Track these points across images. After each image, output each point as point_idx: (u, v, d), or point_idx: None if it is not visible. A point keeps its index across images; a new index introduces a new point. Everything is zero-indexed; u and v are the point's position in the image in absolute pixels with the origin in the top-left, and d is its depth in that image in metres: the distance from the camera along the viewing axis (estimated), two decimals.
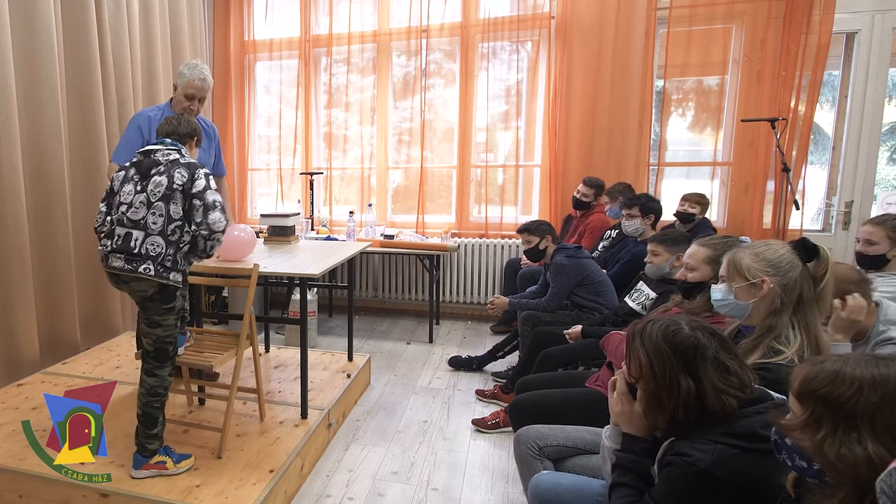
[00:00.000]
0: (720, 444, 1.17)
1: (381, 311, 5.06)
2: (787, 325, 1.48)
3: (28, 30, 3.16)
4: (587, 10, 4.30)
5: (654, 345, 1.25)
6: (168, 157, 2.12)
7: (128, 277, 2.07)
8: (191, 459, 2.22)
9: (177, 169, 2.08)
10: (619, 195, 3.92)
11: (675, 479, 1.19)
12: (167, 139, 2.19)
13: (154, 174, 2.08)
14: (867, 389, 0.88)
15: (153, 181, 2.07)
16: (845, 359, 0.94)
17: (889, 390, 0.87)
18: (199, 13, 4.80)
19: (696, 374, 1.21)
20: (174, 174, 2.07)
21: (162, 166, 2.09)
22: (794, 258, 1.51)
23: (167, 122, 2.25)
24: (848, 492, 0.89)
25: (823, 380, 0.92)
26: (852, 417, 0.88)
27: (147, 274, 2.03)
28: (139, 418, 2.14)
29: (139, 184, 2.09)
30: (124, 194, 2.10)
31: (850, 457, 0.86)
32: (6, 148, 3.01)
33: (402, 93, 4.92)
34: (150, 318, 2.12)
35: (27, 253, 3.15)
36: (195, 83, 2.77)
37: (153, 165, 2.10)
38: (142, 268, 2.02)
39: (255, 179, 5.44)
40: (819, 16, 3.83)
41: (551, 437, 1.84)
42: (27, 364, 3.17)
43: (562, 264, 3.19)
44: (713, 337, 1.26)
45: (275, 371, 3.29)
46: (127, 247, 2.04)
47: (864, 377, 0.89)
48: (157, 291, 2.08)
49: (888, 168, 7.01)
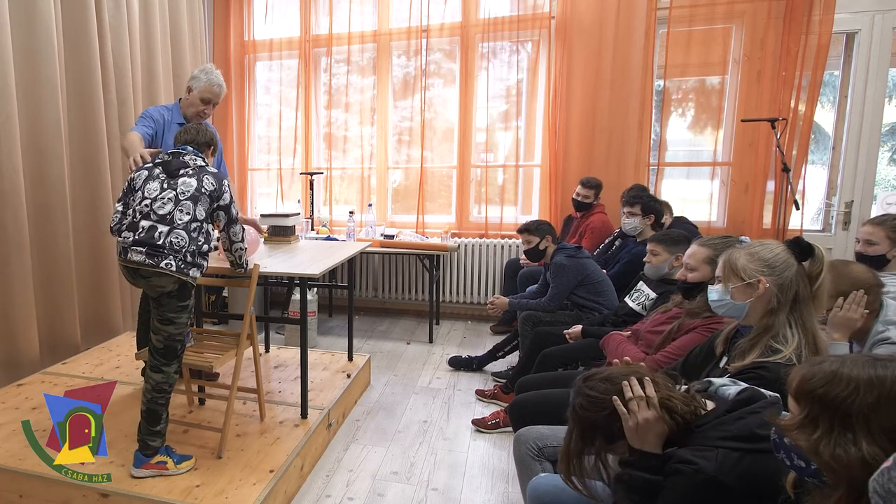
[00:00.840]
0: (721, 448, 1.16)
1: (381, 311, 5.06)
2: (784, 324, 1.48)
3: (28, 30, 3.17)
4: (587, 10, 4.30)
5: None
6: (196, 161, 2.19)
7: (147, 273, 2.05)
8: (191, 461, 2.22)
9: (205, 175, 2.15)
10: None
11: (681, 487, 1.18)
12: (188, 146, 2.23)
13: (183, 175, 2.12)
14: (863, 390, 0.88)
15: (182, 181, 2.11)
16: (843, 359, 0.94)
17: (885, 391, 0.87)
18: (199, 13, 4.80)
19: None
20: (203, 178, 2.13)
21: (191, 169, 2.15)
22: (790, 257, 1.51)
23: (186, 131, 2.29)
24: (843, 492, 0.89)
25: (820, 380, 0.92)
26: (848, 418, 0.88)
27: (169, 269, 2.03)
28: (143, 415, 2.14)
29: (166, 182, 2.12)
30: (149, 191, 2.11)
31: (845, 457, 0.87)
32: (6, 148, 3.01)
33: (402, 93, 4.92)
34: (164, 315, 2.12)
35: (27, 253, 3.15)
36: (213, 89, 2.79)
37: (182, 167, 2.15)
38: (163, 263, 2.02)
39: (255, 179, 5.44)
40: (819, 16, 3.83)
41: (551, 438, 1.84)
42: (27, 364, 3.17)
43: (562, 264, 3.19)
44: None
45: (275, 371, 3.29)
46: (150, 239, 2.04)
47: (861, 378, 0.89)
48: (177, 288, 2.09)
49: (888, 168, 7.01)
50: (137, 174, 2.19)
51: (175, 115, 2.85)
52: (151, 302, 2.17)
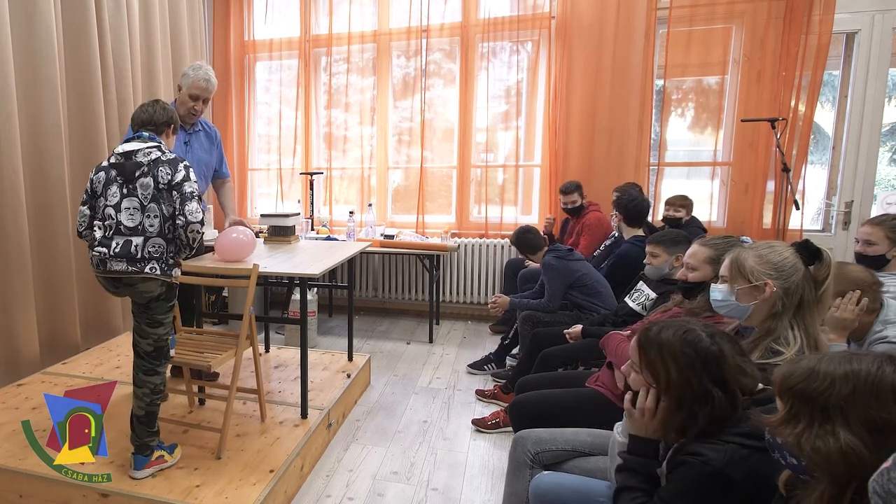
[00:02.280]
0: (731, 443, 1.17)
1: (381, 311, 5.06)
2: (786, 327, 1.47)
3: (28, 30, 3.17)
4: (587, 10, 4.30)
5: (679, 356, 1.25)
6: (149, 156, 2.06)
7: (133, 280, 2.04)
8: (179, 447, 2.28)
9: (159, 167, 2.05)
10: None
11: (687, 479, 1.20)
12: (143, 132, 2.13)
13: (139, 176, 2.05)
14: (839, 383, 0.93)
15: (140, 183, 2.04)
16: (821, 356, 0.99)
17: (860, 383, 0.91)
18: (199, 13, 4.80)
19: (725, 383, 1.22)
20: (158, 173, 2.04)
21: (145, 167, 2.05)
22: (798, 261, 1.50)
23: (142, 109, 2.15)
24: (826, 485, 0.92)
25: (799, 376, 0.97)
26: (826, 410, 0.93)
27: (154, 273, 2.02)
28: (140, 419, 2.13)
29: (125, 186, 2.06)
30: (110, 196, 2.07)
31: (824, 448, 0.91)
32: (6, 148, 3.01)
33: (401, 93, 4.91)
34: (154, 319, 2.11)
35: (27, 253, 3.15)
36: (200, 84, 2.77)
37: (136, 168, 2.05)
38: (148, 268, 2.02)
39: (255, 179, 5.44)
40: (819, 16, 3.83)
41: (550, 442, 1.83)
42: (27, 364, 3.17)
43: (549, 264, 3.25)
44: (729, 341, 1.27)
45: (275, 371, 3.29)
46: (128, 253, 2.02)
47: (837, 372, 0.94)
48: (164, 291, 2.09)
49: (888, 168, 7.01)
50: (96, 177, 2.12)
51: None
52: (138, 309, 2.12)
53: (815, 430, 0.93)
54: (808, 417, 0.94)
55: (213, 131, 3.05)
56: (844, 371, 0.93)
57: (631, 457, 1.35)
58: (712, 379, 1.22)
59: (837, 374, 0.93)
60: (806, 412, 0.95)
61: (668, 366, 1.26)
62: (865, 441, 0.89)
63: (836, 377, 0.93)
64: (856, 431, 0.89)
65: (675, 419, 1.27)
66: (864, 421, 0.90)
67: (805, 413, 0.95)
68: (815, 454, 0.92)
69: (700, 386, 1.22)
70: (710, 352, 1.24)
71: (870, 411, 0.90)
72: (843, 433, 0.90)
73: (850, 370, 0.93)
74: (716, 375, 1.23)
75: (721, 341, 1.26)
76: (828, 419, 0.92)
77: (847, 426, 0.90)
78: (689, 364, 1.24)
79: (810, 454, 0.93)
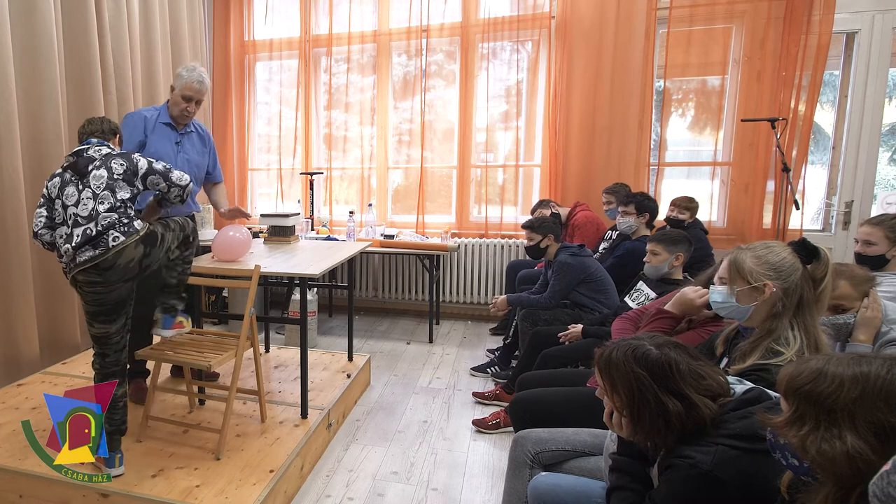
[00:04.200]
0: (721, 445, 1.17)
1: (381, 311, 5.06)
2: (786, 327, 1.47)
3: (28, 30, 3.16)
4: (587, 11, 4.30)
5: (628, 374, 1.25)
6: (100, 152, 2.14)
7: (110, 261, 2.00)
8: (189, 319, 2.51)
9: (113, 160, 2.12)
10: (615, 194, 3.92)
11: (677, 481, 1.19)
12: (93, 139, 2.21)
13: (92, 169, 2.09)
14: (847, 386, 0.91)
15: (93, 175, 2.08)
16: (829, 357, 0.97)
17: (868, 386, 0.90)
18: (199, 13, 4.80)
19: (679, 391, 1.21)
20: (112, 164, 2.10)
21: (97, 160, 2.11)
22: (796, 261, 1.50)
23: (89, 122, 2.30)
24: (831, 488, 0.91)
25: (807, 377, 0.95)
26: (833, 413, 0.91)
27: (117, 242, 2.00)
28: (177, 287, 2.40)
29: (79, 183, 2.08)
30: (69, 197, 2.08)
31: (830, 451, 0.89)
32: (6, 148, 3.01)
33: (402, 93, 4.92)
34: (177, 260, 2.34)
35: (27, 253, 3.15)
36: (193, 85, 2.77)
37: (88, 162, 2.10)
38: (111, 239, 2.00)
39: (255, 179, 5.44)
40: (819, 16, 3.83)
41: (550, 443, 1.83)
42: (27, 364, 3.17)
43: (565, 262, 3.19)
44: (679, 349, 1.27)
45: (275, 371, 3.29)
46: (87, 239, 2.00)
47: (845, 374, 0.92)
48: (144, 245, 2.06)
49: (888, 168, 7.01)
50: (51, 182, 2.15)
51: (162, 115, 2.83)
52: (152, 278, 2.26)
53: (821, 432, 0.91)
54: (815, 419, 0.93)
55: (206, 134, 3.03)
56: (853, 373, 0.91)
57: (620, 458, 1.36)
58: (667, 390, 1.21)
59: (846, 377, 0.92)
60: (812, 414, 0.93)
61: (618, 385, 1.27)
62: (872, 445, 0.87)
63: (844, 379, 0.91)
64: (862, 435, 0.88)
65: (641, 432, 1.26)
66: (872, 425, 0.88)
67: (811, 415, 0.93)
68: (820, 457, 0.91)
69: (655, 399, 1.21)
70: (658, 363, 1.23)
71: (878, 415, 0.88)
72: (850, 436, 0.88)
73: (860, 373, 0.91)
74: (668, 386, 1.22)
75: (669, 351, 1.25)
76: (834, 422, 0.90)
77: (854, 429, 0.89)
78: (638, 380, 1.23)
79: (815, 457, 0.91)
